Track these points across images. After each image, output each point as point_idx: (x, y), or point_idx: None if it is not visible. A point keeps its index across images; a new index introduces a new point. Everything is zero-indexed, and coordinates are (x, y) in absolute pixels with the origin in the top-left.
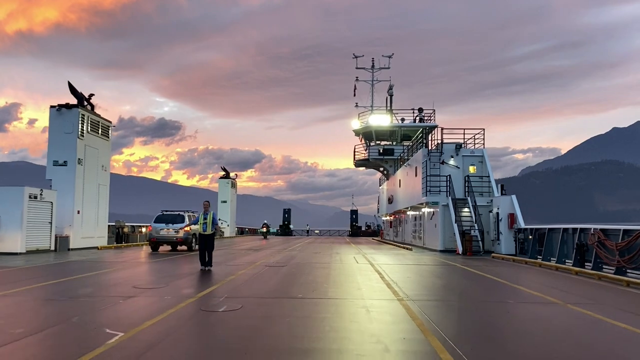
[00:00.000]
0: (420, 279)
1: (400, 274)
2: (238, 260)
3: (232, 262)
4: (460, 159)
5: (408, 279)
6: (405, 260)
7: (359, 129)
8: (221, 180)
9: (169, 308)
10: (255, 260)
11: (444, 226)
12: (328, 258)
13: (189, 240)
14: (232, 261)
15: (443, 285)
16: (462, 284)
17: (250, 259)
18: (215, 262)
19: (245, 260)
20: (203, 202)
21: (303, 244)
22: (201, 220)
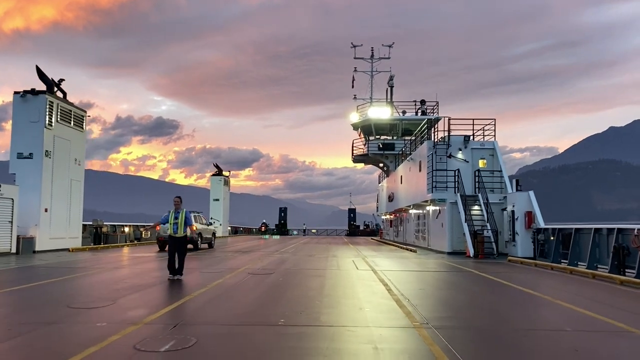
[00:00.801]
0: (436, 292)
1: (411, 285)
2: (220, 265)
3: (211, 269)
4: (469, 152)
5: (421, 291)
6: (412, 265)
7: (357, 122)
8: (213, 177)
9: (90, 345)
10: (239, 266)
11: (451, 226)
12: (323, 262)
13: (195, 239)
14: (212, 267)
15: (467, 302)
16: (489, 299)
17: (234, 264)
18: (192, 268)
19: (228, 265)
20: (173, 199)
21: (298, 244)
22: (171, 220)
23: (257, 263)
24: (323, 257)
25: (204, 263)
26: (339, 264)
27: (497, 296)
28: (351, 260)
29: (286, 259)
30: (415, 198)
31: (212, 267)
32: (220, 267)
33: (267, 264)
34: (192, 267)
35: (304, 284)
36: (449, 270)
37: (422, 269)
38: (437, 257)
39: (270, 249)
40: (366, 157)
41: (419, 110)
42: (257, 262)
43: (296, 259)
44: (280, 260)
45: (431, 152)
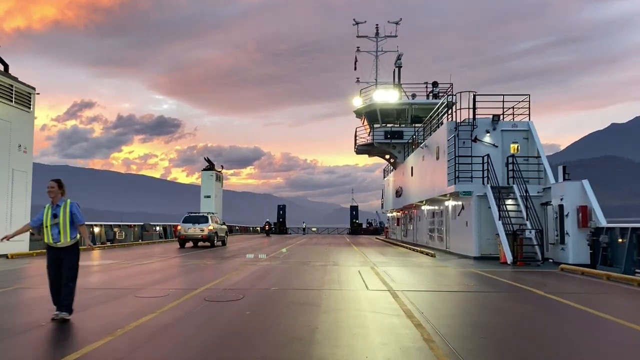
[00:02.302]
0: (511, 341)
1: (457, 323)
2: (174, 281)
3: (155, 288)
4: (499, 134)
5: (483, 342)
6: (439, 279)
7: (361, 107)
8: (204, 172)
9: None
10: (200, 283)
11: (479, 224)
12: (320, 275)
13: (212, 238)
14: (160, 285)
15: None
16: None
17: (195, 279)
18: (130, 288)
19: (186, 281)
20: (47, 184)
21: (294, 245)
22: (46, 220)
23: (230, 277)
24: (320, 265)
25: (149, 279)
26: (341, 277)
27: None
28: (357, 270)
29: (272, 269)
30: (430, 192)
31: (158, 286)
32: (172, 285)
33: (242, 279)
34: (132, 285)
35: (283, 325)
36: (495, 288)
37: (456, 287)
38: (464, 264)
39: (258, 253)
40: (371, 148)
41: (431, 93)
42: (229, 276)
43: (285, 270)
44: (263, 271)
45: (452, 135)
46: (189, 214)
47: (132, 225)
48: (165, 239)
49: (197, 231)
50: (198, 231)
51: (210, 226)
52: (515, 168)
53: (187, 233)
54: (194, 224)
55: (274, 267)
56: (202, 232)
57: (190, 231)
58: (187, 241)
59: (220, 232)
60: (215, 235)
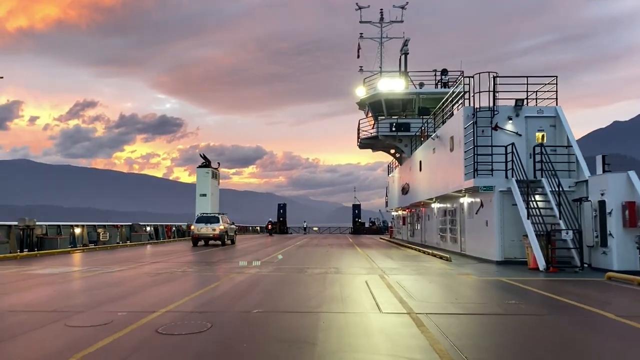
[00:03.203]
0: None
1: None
2: (132, 299)
3: (101, 309)
4: (522, 121)
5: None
6: (469, 293)
7: (364, 98)
8: (199, 169)
9: None
10: (166, 301)
11: (501, 224)
12: (318, 289)
13: (223, 237)
14: (111, 304)
15: None
16: None
17: (161, 296)
18: (73, 306)
19: (148, 298)
20: None
21: (292, 247)
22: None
23: (206, 292)
24: (320, 273)
25: (109, 294)
26: (345, 292)
27: None
28: (363, 280)
29: (261, 279)
30: (443, 188)
31: (109, 306)
32: (126, 305)
33: (220, 295)
34: (82, 303)
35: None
36: (546, 307)
37: (495, 306)
38: (487, 270)
39: (250, 257)
40: (375, 141)
41: (440, 82)
42: (206, 290)
43: (276, 281)
44: (249, 282)
45: (470, 122)
46: (202, 215)
47: (118, 226)
48: (156, 240)
49: (209, 230)
50: (210, 230)
51: (222, 226)
52: (544, 159)
53: (200, 232)
54: (207, 224)
55: (263, 276)
56: (213, 231)
57: (203, 230)
58: (199, 239)
59: (230, 232)
60: (225, 235)
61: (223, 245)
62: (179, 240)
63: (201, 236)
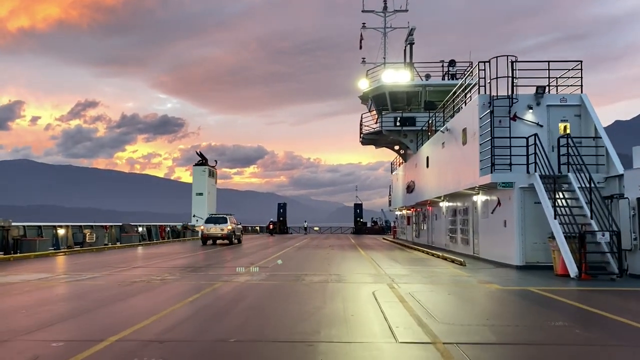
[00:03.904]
0: None
1: None
2: (79, 320)
3: (29, 337)
4: (543, 111)
5: None
6: (502, 310)
7: (367, 90)
8: (196, 167)
9: None
10: (122, 324)
11: (522, 224)
12: (317, 302)
13: (230, 236)
14: (48, 329)
15: None
16: None
17: (119, 316)
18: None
19: (101, 319)
20: None
21: (291, 249)
22: None
23: (177, 310)
24: (319, 282)
25: (55, 313)
26: (349, 309)
27: None
28: (369, 291)
29: (250, 289)
30: (454, 185)
31: (44, 332)
32: (66, 332)
33: (193, 315)
34: (16, 327)
35: None
36: (610, 333)
37: (540, 332)
38: (509, 277)
39: (245, 260)
40: (379, 137)
41: (448, 74)
42: (178, 307)
43: (267, 293)
44: (234, 296)
45: (486, 111)
46: (211, 216)
47: (107, 227)
48: (148, 241)
49: (218, 230)
50: (218, 230)
51: (229, 226)
52: (572, 152)
53: (209, 232)
54: (215, 224)
55: (254, 286)
56: (222, 231)
57: (212, 230)
58: (209, 239)
59: (237, 232)
60: (233, 234)
61: (230, 244)
62: (174, 241)
63: (210, 236)
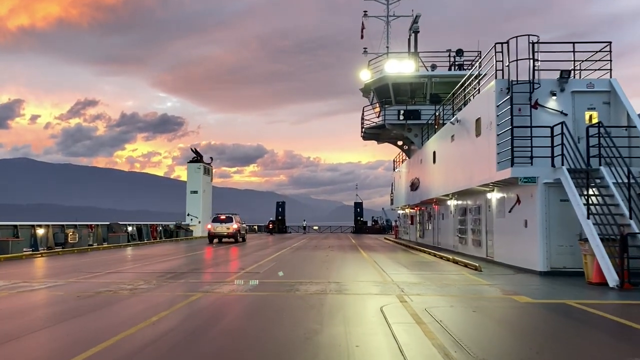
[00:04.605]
0: None
1: None
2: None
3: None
4: (568, 98)
5: None
6: (554, 338)
7: (369, 82)
8: (190, 164)
9: None
10: None
11: (546, 225)
12: (311, 324)
13: (236, 235)
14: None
15: None
16: None
17: (30, 353)
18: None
19: (28, 351)
20: None
21: (287, 251)
22: None
23: (128, 338)
24: (315, 293)
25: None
26: (352, 336)
27: None
28: (377, 308)
29: (231, 304)
30: (466, 181)
31: None
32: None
33: (145, 346)
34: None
35: None
36: None
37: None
38: (534, 285)
39: (233, 265)
40: (381, 131)
41: (455, 64)
42: (133, 331)
43: (250, 309)
44: (209, 314)
45: (505, 98)
46: (217, 215)
47: (92, 226)
48: (138, 242)
49: (224, 229)
50: (225, 229)
51: (235, 225)
52: (606, 142)
53: (216, 231)
54: (221, 223)
55: (236, 299)
56: (227, 230)
57: (218, 229)
58: (215, 237)
59: (241, 230)
60: (238, 233)
61: (236, 242)
62: (166, 241)
63: (217, 234)
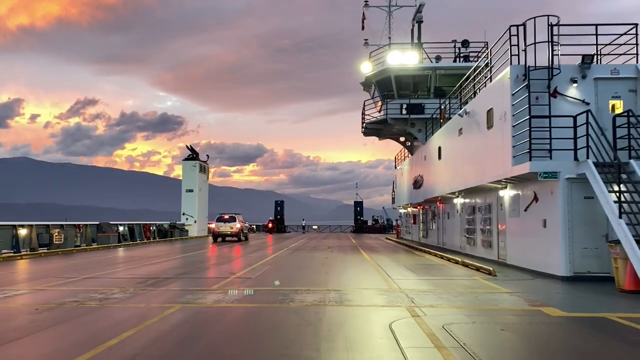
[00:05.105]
0: None
1: None
2: None
3: None
4: (590, 85)
5: None
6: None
7: (370, 74)
8: (185, 162)
9: None
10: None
11: (569, 225)
12: (304, 349)
13: (239, 234)
14: None
15: None
16: None
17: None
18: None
19: None
20: None
21: (284, 253)
22: None
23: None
24: (312, 305)
25: None
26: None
27: None
28: (385, 325)
29: (213, 320)
30: (476, 177)
31: None
32: None
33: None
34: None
35: None
36: None
37: None
38: (560, 294)
39: (224, 268)
40: (383, 126)
41: (460, 55)
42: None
43: (235, 325)
44: (185, 332)
45: (521, 86)
46: (221, 215)
47: (80, 226)
48: (130, 242)
49: (227, 228)
50: (228, 229)
51: (238, 225)
52: (638, 133)
53: (220, 230)
54: (225, 223)
55: (219, 313)
56: (231, 229)
57: (222, 228)
58: (219, 236)
59: (244, 230)
60: (241, 232)
61: (239, 241)
62: (159, 241)
63: (220, 233)
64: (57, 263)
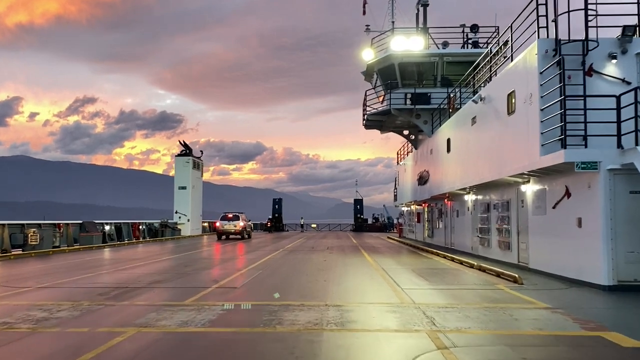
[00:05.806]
0: None
1: None
2: None
3: None
4: (632, 61)
5: None
6: None
7: (373, 62)
8: (178, 158)
9: None
10: None
11: (612, 225)
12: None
13: (242, 233)
14: None
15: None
16: None
17: None
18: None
19: None
20: None
21: (279, 254)
22: None
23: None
24: (306, 329)
25: None
26: None
27: None
28: (398, 358)
29: (174, 353)
30: (493, 171)
31: None
32: None
33: None
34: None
35: None
36: None
37: None
38: (613, 310)
39: (207, 274)
40: (385, 118)
41: (469, 41)
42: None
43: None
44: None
45: (551, 63)
46: (225, 214)
47: (60, 225)
48: (117, 242)
49: (231, 227)
50: (232, 227)
51: (242, 223)
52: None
53: (224, 228)
54: (229, 222)
55: (183, 342)
56: (235, 227)
57: (227, 227)
58: (223, 234)
59: (247, 228)
60: (244, 230)
61: (243, 239)
62: (149, 241)
63: (225, 232)
64: (23, 267)
